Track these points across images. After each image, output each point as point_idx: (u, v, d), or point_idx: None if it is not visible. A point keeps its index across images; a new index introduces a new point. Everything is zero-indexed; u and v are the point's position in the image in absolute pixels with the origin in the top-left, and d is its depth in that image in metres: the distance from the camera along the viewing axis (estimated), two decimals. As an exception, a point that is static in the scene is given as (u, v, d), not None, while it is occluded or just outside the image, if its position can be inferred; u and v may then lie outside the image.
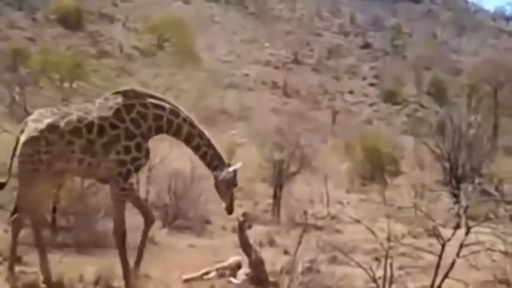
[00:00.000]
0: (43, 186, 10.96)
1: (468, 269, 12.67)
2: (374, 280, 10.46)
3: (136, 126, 10.96)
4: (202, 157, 11.56)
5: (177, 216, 19.10)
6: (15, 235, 10.90)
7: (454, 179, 25.41)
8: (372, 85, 62.00)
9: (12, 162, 10.87)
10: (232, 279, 12.19)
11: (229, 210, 11.64)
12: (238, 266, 12.38)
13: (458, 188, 22.49)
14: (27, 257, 11.31)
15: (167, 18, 54.24)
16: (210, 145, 11.50)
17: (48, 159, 10.60)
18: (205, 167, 11.73)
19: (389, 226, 10.76)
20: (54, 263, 11.85)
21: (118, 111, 10.94)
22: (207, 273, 12.36)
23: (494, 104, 50.66)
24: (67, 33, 51.05)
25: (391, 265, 10.43)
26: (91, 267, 11.74)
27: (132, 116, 10.97)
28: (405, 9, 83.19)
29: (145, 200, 20.07)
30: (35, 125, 10.71)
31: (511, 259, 11.60)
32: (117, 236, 11.00)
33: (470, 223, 10.68)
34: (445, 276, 10.50)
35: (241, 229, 12.33)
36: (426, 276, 11.73)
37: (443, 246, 10.48)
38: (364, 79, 63.02)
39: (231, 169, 11.46)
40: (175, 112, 11.30)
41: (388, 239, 10.58)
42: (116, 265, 11.50)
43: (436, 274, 10.53)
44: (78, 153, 10.72)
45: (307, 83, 57.77)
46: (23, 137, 10.72)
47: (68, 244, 14.52)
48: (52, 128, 10.68)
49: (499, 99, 51.19)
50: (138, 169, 11.21)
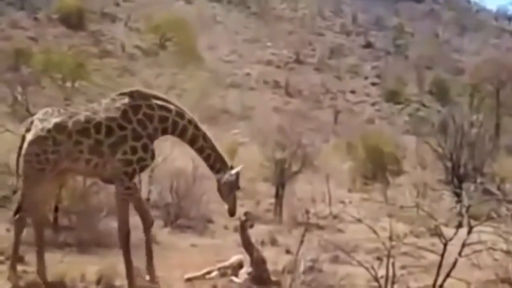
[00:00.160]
0: (48, 185, 10.93)
1: (470, 268, 12.67)
2: (376, 280, 10.44)
3: (143, 127, 10.98)
4: (206, 159, 11.60)
5: (179, 215, 19.11)
6: (18, 234, 10.89)
7: (456, 179, 25.34)
8: (374, 84, 61.99)
9: (18, 162, 10.83)
10: (234, 278, 12.19)
11: (232, 212, 11.67)
12: (240, 265, 12.38)
13: (460, 188, 22.49)
14: (29, 257, 11.29)
15: (169, 18, 54.26)
16: (213, 148, 11.53)
17: (55, 159, 10.59)
18: (207, 167, 11.73)
19: (391, 226, 10.75)
20: (56, 262, 11.88)
21: (125, 112, 10.95)
22: (209, 272, 12.36)
23: (496, 103, 50.64)
24: (69, 33, 51.10)
25: (393, 264, 10.40)
26: (93, 267, 11.74)
27: (138, 117, 10.98)
28: (407, 9, 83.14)
29: (147, 199, 20.14)
30: (42, 124, 10.68)
31: (513, 258, 11.60)
32: (121, 235, 11.00)
33: (472, 223, 10.66)
34: (447, 276, 10.49)
35: (243, 228, 12.33)
36: (428, 276, 11.72)
37: (445, 245, 10.45)
38: (366, 78, 63.01)
39: (233, 172, 11.48)
40: (180, 113, 11.31)
41: (390, 239, 10.56)
42: (118, 264, 11.51)
43: (438, 274, 10.51)
44: (86, 153, 10.72)
45: (309, 83, 57.78)
46: (30, 136, 10.68)
47: (70, 243, 14.53)
48: (60, 128, 10.66)
49: (501, 98, 51.18)
50: (143, 169, 11.25)
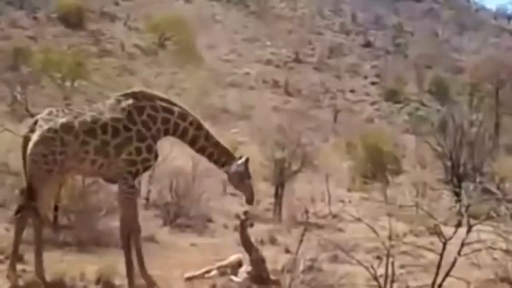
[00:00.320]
0: (53, 185, 10.90)
1: (470, 267, 12.67)
2: (376, 279, 10.44)
3: (147, 128, 11.02)
4: (209, 157, 11.70)
5: (179, 214, 19.10)
6: (19, 233, 10.84)
7: (456, 178, 25.35)
8: (373, 83, 62.00)
9: (25, 162, 10.75)
10: (233, 277, 12.18)
11: (249, 200, 11.82)
12: (239, 264, 12.38)
13: (460, 187, 22.48)
14: (28, 256, 11.27)
15: (168, 17, 54.28)
16: (217, 144, 11.59)
17: (62, 159, 10.55)
18: (206, 165, 11.77)
19: (391, 225, 10.75)
20: (55, 261, 11.86)
21: (130, 113, 10.98)
22: (208, 271, 12.36)
23: (496, 102, 50.71)
24: (69, 32, 51.09)
25: (393, 263, 10.41)
26: (92, 266, 11.73)
27: (143, 118, 11.03)
28: (406, 8, 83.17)
29: (147, 199, 20.17)
30: (48, 124, 10.62)
31: (512, 257, 11.60)
32: (123, 233, 10.99)
33: (472, 222, 10.66)
34: (447, 275, 10.49)
35: (243, 227, 12.34)
36: (427, 275, 11.72)
37: (445, 244, 10.46)
38: (366, 77, 63.01)
39: (240, 162, 11.58)
40: (182, 115, 11.36)
41: (390, 238, 10.57)
42: (117, 263, 11.52)
43: (437, 273, 10.52)
44: (92, 153, 10.70)
45: (308, 82, 57.80)
46: (35, 136, 10.60)
47: (69, 242, 14.51)
48: (67, 128, 10.62)
49: (500, 97, 51.25)
50: (146, 169, 11.29)
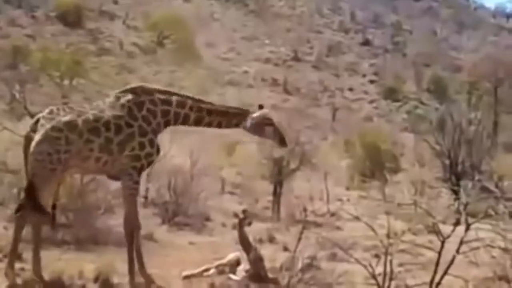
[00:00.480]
0: (54, 184, 10.88)
1: (468, 265, 12.66)
2: (374, 277, 10.43)
3: (148, 123, 11.06)
4: (218, 126, 11.76)
5: (177, 213, 19.08)
6: (18, 232, 10.79)
7: (454, 176, 25.34)
8: (372, 82, 62.05)
9: (27, 163, 10.69)
10: (231, 275, 12.18)
11: (282, 144, 11.93)
12: (237, 263, 12.37)
13: (458, 185, 22.39)
14: (27, 254, 11.24)
15: (167, 16, 54.29)
16: (222, 113, 11.60)
17: (66, 158, 10.53)
18: (204, 163, 11.78)
19: (389, 223, 10.73)
20: (53, 260, 11.84)
21: (130, 110, 11.01)
22: (206, 270, 12.35)
23: (494, 101, 50.76)
24: (67, 31, 51.07)
25: (391, 261, 10.40)
26: (90, 264, 11.71)
27: (143, 113, 11.06)
28: (405, 6, 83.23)
29: (145, 197, 20.14)
30: (51, 123, 10.57)
31: (510, 255, 11.56)
32: (127, 230, 10.98)
33: (470, 220, 10.64)
34: (445, 273, 10.48)
35: (241, 226, 12.33)
36: (425, 273, 11.70)
37: (443, 242, 10.44)
38: (364, 76, 63.05)
39: (254, 115, 11.64)
40: (181, 103, 11.38)
41: (388, 236, 10.55)
42: (116, 261, 11.52)
43: (435, 271, 10.51)
44: (96, 151, 10.69)
45: (307, 80, 57.83)
46: (39, 135, 10.54)
47: (67, 241, 14.48)
48: (71, 126, 10.58)
49: (499, 96, 51.30)
50: (150, 164, 11.28)
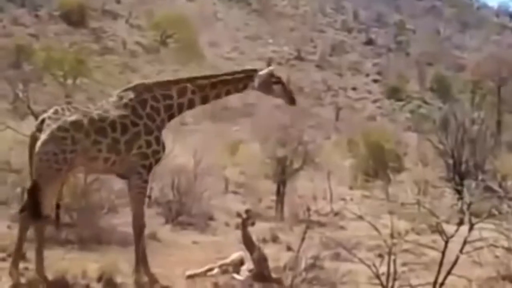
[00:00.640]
0: (58, 184, 10.89)
1: (472, 265, 12.64)
2: (378, 277, 10.42)
3: (152, 121, 11.12)
4: (227, 94, 11.81)
5: (181, 212, 19.08)
6: (23, 232, 10.79)
7: (458, 176, 25.28)
8: (375, 81, 62.04)
9: (32, 163, 10.68)
10: (235, 275, 12.17)
11: (291, 102, 11.88)
12: (241, 262, 12.36)
13: (462, 185, 22.39)
14: (30, 254, 11.25)
15: (170, 15, 54.34)
16: (226, 81, 11.64)
17: (72, 158, 10.54)
18: (208, 163, 11.78)
19: (393, 223, 10.71)
20: (57, 259, 11.86)
21: (135, 109, 11.06)
22: (210, 269, 12.34)
23: (498, 100, 50.68)
24: (70, 30, 51.14)
25: (395, 261, 10.38)
26: (94, 264, 11.71)
27: (147, 111, 11.11)
28: (408, 6, 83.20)
29: (148, 197, 20.11)
30: (57, 123, 10.57)
31: (514, 255, 11.59)
32: (136, 228, 11.01)
33: (474, 220, 10.61)
34: (448, 273, 10.46)
35: (244, 225, 12.33)
36: (429, 273, 11.68)
37: (446, 242, 10.42)
38: (368, 75, 63.05)
39: (261, 73, 11.66)
40: (182, 91, 11.41)
41: (392, 236, 10.53)
42: (119, 261, 11.52)
43: (439, 271, 10.49)
44: (104, 152, 10.72)
45: (310, 80, 57.82)
46: (45, 135, 10.53)
47: (71, 240, 14.50)
48: (77, 126, 10.59)
49: (502, 95, 51.22)
50: (157, 162, 11.30)
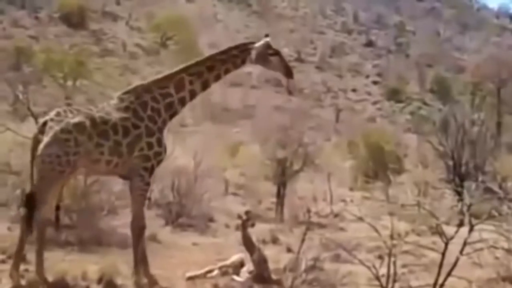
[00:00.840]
0: (59, 186, 10.89)
1: (472, 266, 12.64)
2: (378, 278, 10.43)
3: (153, 123, 11.12)
4: (227, 73, 11.79)
5: (181, 214, 19.07)
6: (25, 234, 10.76)
7: (458, 177, 25.26)
8: (375, 83, 62.08)
9: (33, 166, 10.66)
10: (235, 277, 12.17)
11: (288, 75, 11.89)
12: (241, 264, 12.37)
13: (462, 186, 22.39)
14: (31, 256, 11.24)
15: (170, 17, 54.36)
16: (224, 60, 11.63)
17: (75, 160, 10.55)
18: (208, 164, 11.77)
19: (393, 224, 10.72)
20: (57, 261, 11.86)
21: (136, 111, 11.06)
22: (210, 271, 12.35)
23: (498, 101, 50.68)
24: (70, 32, 51.18)
25: (395, 263, 10.39)
26: (94, 265, 11.72)
27: (148, 113, 11.11)
28: (408, 7, 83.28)
29: (148, 198, 20.11)
30: (59, 125, 10.56)
31: (514, 256, 11.60)
32: (135, 230, 11.00)
33: (474, 221, 10.62)
34: (449, 274, 10.47)
35: (244, 227, 12.33)
36: (429, 274, 11.70)
37: (447, 244, 10.43)
38: (367, 77, 63.09)
39: (257, 45, 11.75)
40: (180, 85, 11.40)
41: (392, 237, 10.54)
42: (119, 263, 11.52)
43: (439, 272, 10.49)
44: (106, 154, 10.73)
45: (310, 81, 57.83)
46: (48, 137, 10.52)
47: (71, 242, 14.49)
48: (80, 128, 10.59)
49: (502, 96, 51.24)
50: (159, 163, 11.28)
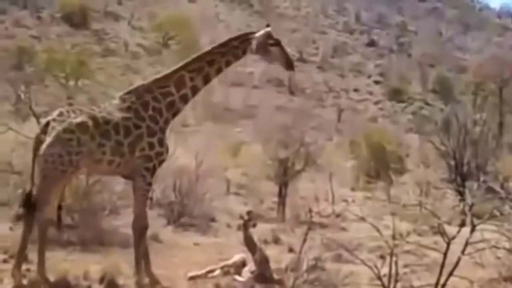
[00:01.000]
0: (62, 186, 10.90)
1: (473, 266, 12.64)
2: (379, 278, 10.43)
3: (155, 123, 11.14)
4: (228, 65, 11.80)
5: (182, 214, 19.09)
6: (27, 233, 10.79)
7: (459, 177, 25.28)
8: (377, 83, 62.03)
9: (34, 166, 10.68)
10: (237, 277, 12.18)
11: (288, 67, 11.74)
12: (243, 264, 12.38)
13: (463, 186, 22.40)
14: (33, 255, 11.25)
15: (172, 16, 54.36)
16: (224, 53, 11.60)
17: (77, 160, 10.56)
18: (209, 164, 11.77)
19: (394, 224, 10.73)
20: (59, 260, 11.88)
21: (137, 111, 11.08)
22: (212, 271, 12.35)
23: (499, 101, 50.61)
24: (72, 31, 51.20)
25: (396, 263, 10.39)
26: (96, 265, 11.74)
27: (149, 113, 11.12)
28: (410, 7, 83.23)
29: (150, 198, 20.12)
30: (62, 125, 10.58)
31: (516, 256, 11.60)
32: (137, 230, 11.02)
33: (475, 221, 10.64)
34: (450, 274, 10.47)
35: (246, 227, 12.33)
36: (431, 274, 11.71)
37: (448, 244, 10.43)
38: (369, 77, 63.05)
39: (257, 35, 11.59)
40: (180, 83, 11.44)
41: (393, 237, 10.55)
42: (121, 262, 11.53)
43: (441, 272, 10.50)
44: (108, 154, 10.76)
45: (312, 81, 57.82)
46: (51, 137, 10.54)
47: (73, 242, 14.51)
48: (83, 128, 10.62)
49: (504, 96, 51.16)
50: (160, 163, 11.31)
